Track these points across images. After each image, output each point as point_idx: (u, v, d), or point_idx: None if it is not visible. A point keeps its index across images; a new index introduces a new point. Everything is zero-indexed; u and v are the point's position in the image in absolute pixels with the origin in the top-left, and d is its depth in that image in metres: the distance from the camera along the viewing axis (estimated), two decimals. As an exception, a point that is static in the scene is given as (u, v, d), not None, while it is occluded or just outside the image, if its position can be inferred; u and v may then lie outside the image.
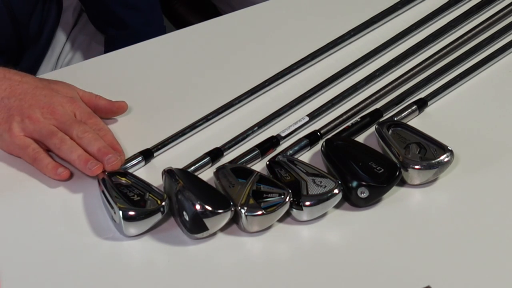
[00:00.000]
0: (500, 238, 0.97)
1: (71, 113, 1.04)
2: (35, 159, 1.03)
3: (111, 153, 1.01)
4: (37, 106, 1.03)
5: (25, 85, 1.05)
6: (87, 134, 1.02)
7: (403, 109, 1.09)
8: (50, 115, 1.03)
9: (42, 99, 1.04)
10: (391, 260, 0.95)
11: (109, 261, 0.97)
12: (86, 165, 1.00)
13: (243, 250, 0.97)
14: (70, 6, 1.47)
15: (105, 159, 1.00)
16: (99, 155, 1.01)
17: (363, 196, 0.98)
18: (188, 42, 1.24)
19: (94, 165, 1.00)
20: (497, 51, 1.17)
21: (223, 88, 1.15)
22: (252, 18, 1.27)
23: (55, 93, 1.05)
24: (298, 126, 1.08)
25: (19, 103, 1.03)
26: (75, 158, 1.01)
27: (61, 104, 1.04)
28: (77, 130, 1.02)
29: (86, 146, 1.01)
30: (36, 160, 1.03)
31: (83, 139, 1.01)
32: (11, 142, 1.03)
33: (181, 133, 1.08)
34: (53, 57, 1.44)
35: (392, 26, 1.23)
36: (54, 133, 1.02)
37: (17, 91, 1.04)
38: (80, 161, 1.01)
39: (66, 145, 1.01)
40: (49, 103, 1.03)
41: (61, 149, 1.01)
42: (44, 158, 1.03)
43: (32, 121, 1.02)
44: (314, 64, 1.18)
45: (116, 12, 1.42)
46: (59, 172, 1.02)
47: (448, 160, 1.01)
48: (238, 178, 0.99)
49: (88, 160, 1.00)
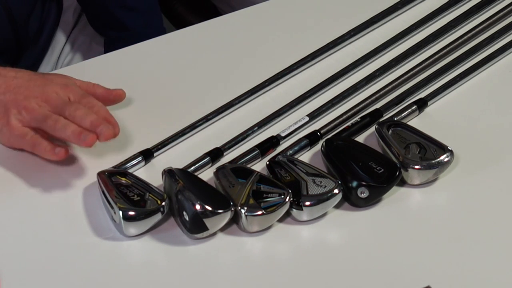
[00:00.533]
0: (500, 238, 0.97)
1: (65, 98, 1.04)
2: (34, 145, 1.03)
3: (104, 124, 1.01)
4: (32, 97, 1.03)
5: (19, 79, 1.05)
6: (79, 111, 1.02)
7: (403, 109, 1.09)
8: (45, 102, 1.03)
9: (36, 89, 1.04)
10: (391, 260, 0.95)
11: (109, 261, 0.97)
12: (80, 137, 1.00)
13: (243, 250, 0.97)
14: (71, 6, 1.47)
15: (98, 130, 1.00)
16: (92, 128, 1.01)
17: (363, 196, 0.98)
18: (188, 42, 1.24)
19: (87, 135, 1.00)
20: (497, 51, 1.17)
21: (223, 88, 1.15)
22: (252, 18, 1.27)
23: (48, 81, 1.06)
24: (298, 126, 1.08)
25: (14, 97, 1.04)
26: (69, 134, 1.01)
27: (55, 91, 1.04)
28: (69, 109, 1.02)
29: (79, 122, 1.01)
30: (35, 146, 1.03)
31: (76, 116, 1.02)
32: (11, 135, 1.04)
33: (181, 133, 1.08)
34: (53, 57, 1.43)
35: (392, 26, 1.23)
36: (48, 116, 1.02)
37: (12, 86, 1.05)
38: (74, 135, 1.00)
39: (60, 123, 1.01)
40: (43, 91, 1.04)
41: (56, 129, 1.01)
42: (42, 142, 1.03)
43: (28, 111, 1.03)
44: (314, 64, 1.18)
45: (115, 14, 1.42)
46: (57, 152, 1.02)
47: (448, 160, 1.01)
48: (238, 178, 0.99)
49: (81, 133, 1.00)
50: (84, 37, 1.47)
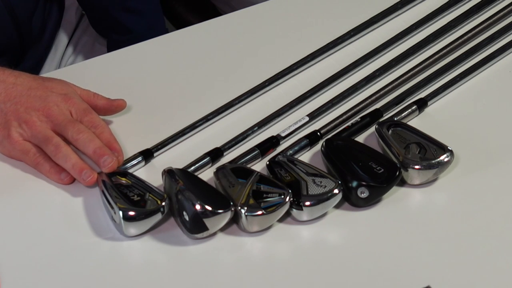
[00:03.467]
0: (500, 238, 0.97)
1: (67, 112, 1.03)
2: (36, 164, 1.03)
3: (107, 153, 1.00)
4: (32, 109, 1.02)
5: (19, 87, 1.04)
6: (81, 135, 1.01)
7: (403, 109, 1.09)
8: (46, 117, 1.02)
9: (37, 101, 1.03)
10: (391, 260, 0.95)
11: (109, 261, 0.97)
12: (81, 175, 1.00)
13: (243, 250, 0.97)
14: (72, 5, 1.46)
15: (101, 161, 1.00)
16: (94, 157, 1.01)
17: (363, 196, 0.98)
18: (188, 42, 1.24)
19: (88, 175, 1.00)
20: (497, 51, 1.17)
21: (223, 88, 1.15)
22: (252, 18, 1.27)
23: (49, 92, 1.04)
24: (298, 126, 1.08)
25: (14, 107, 1.03)
26: (70, 168, 1.01)
27: (56, 104, 1.03)
28: (71, 131, 1.01)
29: (82, 148, 1.01)
30: (38, 165, 1.03)
31: (79, 140, 1.01)
32: (12, 148, 1.03)
33: (181, 133, 1.08)
34: (57, 57, 1.43)
35: (392, 26, 1.23)
36: (49, 139, 1.01)
37: (12, 95, 1.04)
38: (75, 171, 1.00)
39: (61, 152, 1.01)
40: (44, 104, 1.03)
41: (57, 157, 1.01)
42: (45, 163, 1.02)
43: (29, 126, 1.02)
44: (314, 64, 1.18)
45: (118, 18, 1.41)
46: (62, 178, 1.02)
47: (448, 160, 1.01)
48: (238, 178, 0.99)
49: (82, 170, 1.00)
50: (87, 38, 1.47)
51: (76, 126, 1.02)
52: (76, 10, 1.47)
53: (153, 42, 1.25)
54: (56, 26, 1.43)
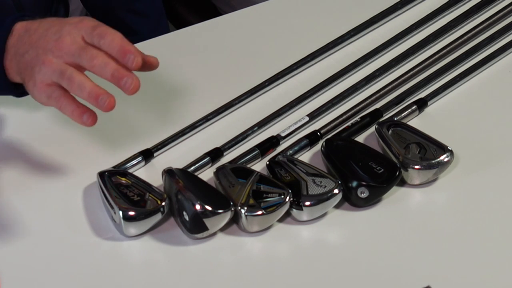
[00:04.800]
0: (500, 238, 0.97)
1: (79, 38, 0.98)
2: (60, 108, 0.98)
3: (126, 75, 0.95)
4: (48, 49, 0.98)
5: (40, 30, 1.00)
6: (96, 60, 0.96)
7: (403, 109, 1.09)
8: (60, 50, 0.97)
9: (52, 37, 0.99)
10: (391, 260, 0.95)
11: (109, 261, 0.97)
12: (98, 102, 0.95)
13: (243, 250, 0.97)
14: (77, 9, 1.46)
15: (122, 84, 0.95)
16: (114, 81, 0.95)
17: (363, 196, 0.98)
18: (188, 42, 1.24)
19: (105, 100, 0.95)
20: (497, 51, 1.17)
21: (223, 88, 1.15)
22: (252, 18, 1.27)
23: (64, 23, 0.99)
24: (298, 126, 1.08)
25: (35, 52, 0.99)
26: (86, 97, 0.96)
27: (69, 33, 0.98)
28: (85, 58, 0.96)
29: (100, 74, 0.96)
30: (62, 109, 0.97)
31: (95, 67, 0.96)
32: (39, 95, 0.99)
33: (181, 133, 1.08)
34: None
35: (392, 26, 1.23)
36: (62, 73, 0.96)
37: (33, 39, 1.00)
38: (92, 99, 0.95)
39: (75, 83, 0.96)
40: (58, 38, 0.98)
41: (73, 89, 0.96)
42: (68, 106, 0.97)
43: (45, 65, 0.97)
44: (314, 64, 1.18)
45: (123, 19, 1.41)
46: (85, 120, 0.96)
47: (448, 160, 1.01)
48: (238, 178, 0.99)
49: (99, 96, 0.95)
50: None
51: (89, 52, 0.96)
52: (80, 14, 1.47)
53: (153, 42, 1.25)
54: None
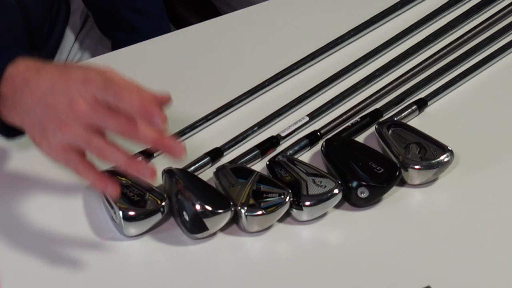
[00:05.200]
0: (500, 238, 0.97)
1: (91, 99, 0.94)
2: (79, 174, 0.96)
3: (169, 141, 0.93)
4: (60, 110, 0.95)
5: (42, 84, 0.97)
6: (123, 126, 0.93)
7: (403, 109, 1.09)
8: (75, 115, 0.94)
9: (61, 98, 0.95)
10: (391, 260, 0.95)
11: (109, 261, 0.97)
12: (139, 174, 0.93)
13: (243, 250, 0.97)
14: (78, 9, 1.46)
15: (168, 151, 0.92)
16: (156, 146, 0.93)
17: (363, 196, 0.98)
18: (188, 42, 1.24)
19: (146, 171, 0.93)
20: (497, 51, 1.17)
21: (223, 88, 1.15)
22: (252, 18, 1.27)
23: (71, 82, 0.96)
24: (298, 126, 1.08)
25: (45, 112, 0.96)
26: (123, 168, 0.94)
27: (79, 94, 0.94)
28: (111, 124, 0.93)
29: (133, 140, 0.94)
30: (81, 176, 0.95)
31: (125, 134, 0.93)
32: (55, 157, 0.97)
33: (181, 133, 1.08)
34: (61, 60, 1.43)
35: (392, 26, 1.23)
36: (87, 141, 0.94)
37: (37, 95, 0.97)
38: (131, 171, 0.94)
39: (107, 155, 0.94)
40: (69, 101, 0.95)
41: (104, 159, 0.94)
42: (89, 174, 0.95)
43: (62, 131, 0.95)
44: (314, 64, 1.18)
45: (125, 17, 1.41)
46: (110, 193, 0.94)
47: (448, 160, 1.01)
48: (238, 178, 0.99)
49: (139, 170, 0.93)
50: (91, 40, 1.47)
51: (114, 117, 0.93)
52: (81, 13, 1.47)
53: (153, 42, 1.25)
54: (63, 30, 1.43)
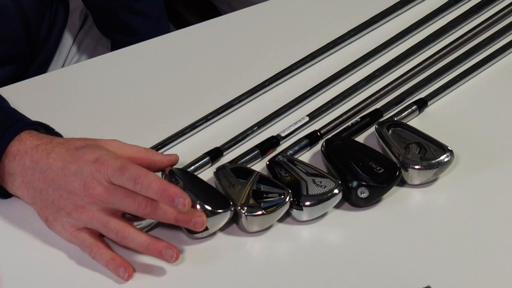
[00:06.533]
0: (500, 238, 0.97)
1: (106, 182, 0.94)
2: (93, 256, 0.96)
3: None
4: (75, 193, 0.96)
5: (53, 165, 0.97)
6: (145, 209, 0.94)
7: (403, 109, 1.09)
8: (92, 198, 0.95)
9: (74, 180, 0.95)
10: (391, 260, 0.95)
11: (109, 261, 0.97)
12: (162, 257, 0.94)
13: (243, 250, 0.97)
14: (77, 9, 1.46)
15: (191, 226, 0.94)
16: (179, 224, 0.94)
17: (363, 196, 0.98)
18: (188, 42, 1.24)
19: (170, 254, 0.94)
20: (497, 51, 1.17)
21: (223, 88, 1.15)
22: (252, 18, 1.27)
23: (82, 163, 0.96)
24: (298, 126, 1.08)
25: (58, 194, 0.96)
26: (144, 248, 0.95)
27: (93, 177, 0.95)
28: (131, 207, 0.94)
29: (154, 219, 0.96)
30: (95, 258, 0.96)
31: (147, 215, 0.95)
32: (69, 239, 0.97)
33: (181, 133, 1.08)
34: (60, 60, 1.43)
35: (392, 26, 1.23)
36: (106, 225, 0.95)
37: (49, 177, 0.97)
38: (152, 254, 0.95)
39: (127, 238, 0.95)
40: (83, 183, 0.95)
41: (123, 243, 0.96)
42: (103, 256, 0.96)
43: (79, 213, 0.95)
44: (314, 64, 1.18)
45: (124, 19, 1.41)
46: (121, 275, 0.95)
47: (448, 160, 1.01)
48: (238, 178, 0.99)
49: (161, 251, 0.94)
50: (90, 40, 1.47)
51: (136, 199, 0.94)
52: (80, 13, 1.47)
53: (153, 42, 1.25)
54: (62, 30, 1.43)
